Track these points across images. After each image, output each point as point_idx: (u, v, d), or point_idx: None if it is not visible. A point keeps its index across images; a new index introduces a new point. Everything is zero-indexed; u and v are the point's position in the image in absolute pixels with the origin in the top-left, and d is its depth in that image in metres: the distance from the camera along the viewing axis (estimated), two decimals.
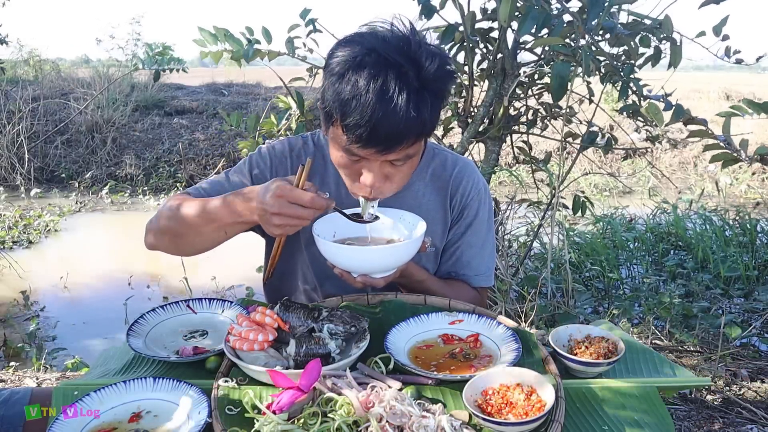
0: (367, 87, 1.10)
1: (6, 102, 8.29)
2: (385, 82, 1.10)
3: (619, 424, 1.00)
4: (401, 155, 1.19)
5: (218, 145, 8.59)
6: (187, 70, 2.92)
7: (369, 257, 1.21)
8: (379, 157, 1.18)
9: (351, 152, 1.19)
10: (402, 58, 1.12)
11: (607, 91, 2.82)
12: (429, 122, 1.17)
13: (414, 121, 1.12)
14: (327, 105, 1.17)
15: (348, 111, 1.12)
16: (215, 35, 2.46)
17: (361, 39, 1.16)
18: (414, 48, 1.14)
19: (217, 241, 1.33)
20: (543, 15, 2.15)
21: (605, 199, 6.70)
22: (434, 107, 1.16)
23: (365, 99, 1.10)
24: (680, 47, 2.44)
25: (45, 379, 2.89)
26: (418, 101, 1.12)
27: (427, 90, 1.14)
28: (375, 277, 1.23)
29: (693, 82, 12.12)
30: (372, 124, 1.10)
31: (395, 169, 1.23)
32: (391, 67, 1.11)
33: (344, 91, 1.12)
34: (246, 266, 4.50)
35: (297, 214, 1.13)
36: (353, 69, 1.12)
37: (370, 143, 1.14)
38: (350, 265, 1.23)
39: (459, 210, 1.48)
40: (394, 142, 1.14)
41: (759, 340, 3.30)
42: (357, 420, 0.94)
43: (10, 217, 6.11)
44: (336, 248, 1.21)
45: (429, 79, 1.14)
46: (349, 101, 1.11)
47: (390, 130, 1.12)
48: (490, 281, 1.53)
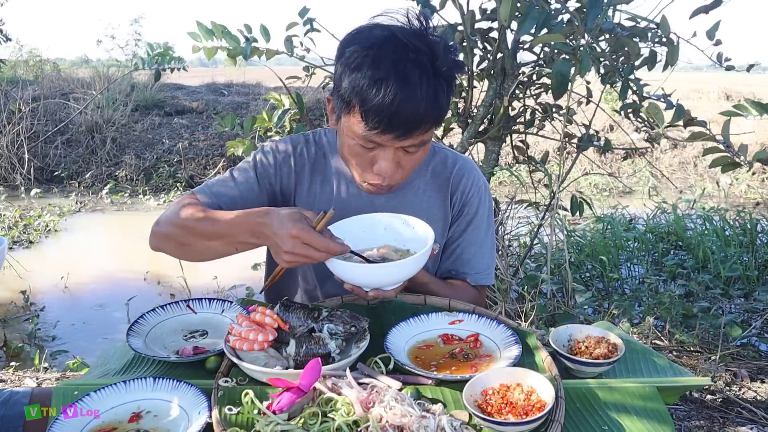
0: (388, 72, 1.12)
1: (6, 102, 8.29)
2: (406, 67, 1.12)
3: (619, 424, 1.00)
4: (417, 141, 1.20)
5: (218, 145, 8.59)
6: (188, 69, 2.91)
7: (381, 273, 1.19)
8: (396, 143, 1.19)
9: (368, 139, 1.19)
10: (421, 45, 1.15)
11: (607, 91, 2.82)
12: (445, 109, 1.20)
13: (433, 106, 1.15)
14: (344, 93, 1.17)
15: (369, 96, 1.13)
16: (211, 31, 2.45)
17: (379, 28, 1.18)
18: (430, 36, 1.18)
19: (225, 254, 1.29)
20: (543, 15, 2.15)
21: (605, 199, 6.70)
22: (448, 94, 1.20)
23: (387, 84, 1.11)
24: (677, 47, 2.44)
25: (45, 379, 2.89)
26: (436, 87, 1.15)
27: (442, 77, 1.17)
28: (386, 289, 1.22)
29: (693, 83, 12.14)
30: (394, 108, 1.12)
31: (408, 156, 1.25)
32: (411, 52, 1.14)
33: (365, 77, 1.13)
34: (246, 266, 4.51)
35: (309, 255, 1.11)
36: (373, 55, 1.13)
37: (390, 128, 1.15)
38: (362, 282, 1.20)
39: (459, 207, 1.48)
40: (413, 128, 1.16)
41: (759, 340, 3.30)
42: (357, 420, 0.94)
43: (10, 217, 6.11)
44: (347, 266, 1.17)
45: (443, 67, 1.17)
46: (370, 87, 1.12)
47: (411, 116, 1.14)
48: (490, 279, 1.53)
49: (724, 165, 1.95)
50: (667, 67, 2.47)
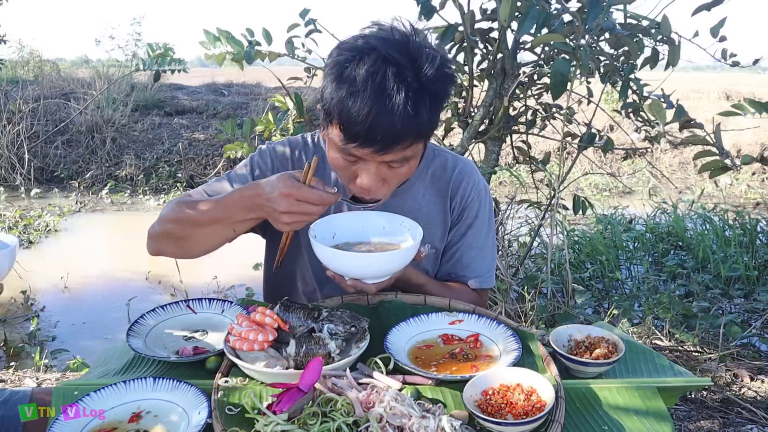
0: (365, 84, 1.09)
1: (6, 102, 8.29)
2: (383, 80, 1.10)
3: (619, 424, 1.00)
4: (398, 156, 1.17)
5: (218, 145, 8.59)
6: (188, 70, 2.91)
7: (361, 263, 1.22)
8: (376, 158, 1.17)
9: (348, 152, 1.18)
10: (402, 58, 1.12)
11: (607, 91, 2.82)
12: (427, 123, 1.16)
13: (411, 121, 1.11)
14: (326, 104, 1.17)
15: (345, 108, 1.11)
16: (218, 37, 2.47)
17: (362, 39, 1.16)
18: (414, 48, 1.14)
19: (224, 239, 1.31)
20: (543, 15, 2.15)
21: (605, 199, 6.70)
22: (432, 109, 1.15)
23: (363, 96, 1.09)
24: (679, 47, 2.44)
25: (45, 379, 2.89)
26: (416, 101, 1.11)
27: (426, 91, 1.13)
28: (367, 282, 1.23)
29: (693, 83, 12.13)
30: (369, 121, 1.10)
31: (392, 172, 1.22)
32: (390, 65, 1.11)
33: (342, 89, 1.12)
34: (246, 266, 4.50)
35: (306, 210, 1.15)
36: (352, 67, 1.12)
37: (367, 142, 1.13)
38: (342, 269, 1.23)
39: (459, 211, 1.47)
40: (392, 142, 1.13)
41: (759, 340, 3.30)
42: (357, 420, 0.94)
43: (10, 217, 6.11)
44: (330, 252, 1.21)
45: (428, 80, 1.13)
46: (346, 98, 1.11)
47: (387, 129, 1.11)
48: (490, 283, 1.52)
49: (714, 169, 1.93)
50: (668, 67, 2.47)
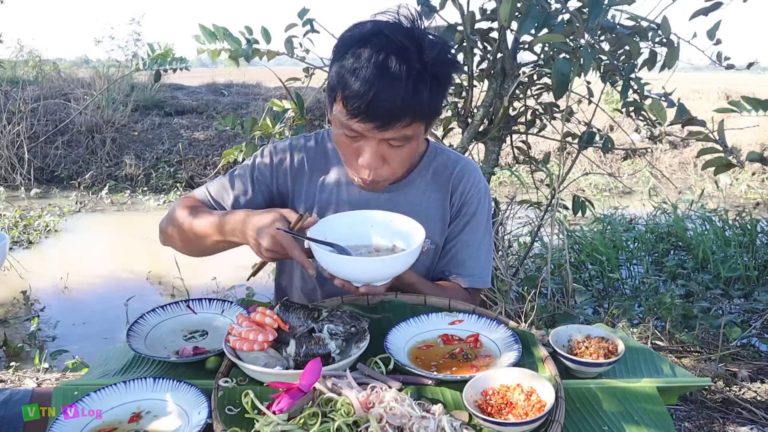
0: (369, 61, 1.15)
1: (6, 102, 8.29)
2: (386, 58, 1.15)
3: (619, 424, 1.00)
4: (398, 134, 1.21)
5: (218, 145, 8.59)
6: (189, 68, 2.91)
7: (371, 268, 1.19)
8: (377, 134, 1.21)
9: (350, 128, 1.21)
10: (406, 40, 1.17)
11: (607, 91, 2.82)
12: (427, 104, 1.20)
13: (412, 98, 1.16)
14: (331, 80, 1.22)
15: (348, 83, 1.16)
16: (214, 33, 2.47)
17: (371, 23, 1.22)
18: (418, 32, 1.20)
19: (217, 251, 1.43)
20: (543, 14, 2.14)
21: (605, 199, 6.69)
22: (434, 90, 1.20)
23: (365, 72, 1.15)
24: (677, 48, 2.44)
25: (45, 379, 2.89)
26: (417, 80, 1.17)
27: (428, 72, 1.19)
28: (376, 285, 1.23)
29: (693, 83, 12.12)
30: (370, 96, 1.14)
31: (393, 151, 1.25)
32: (395, 46, 1.17)
33: (346, 65, 1.17)
34: (246, 267, 4.49)
35: (286, 254, 1.22)
36: (358, 45, 1.18)
37: (368, 117, 1.17)
38: (352, 276, 1.21)
39: (458, 207, 1.48)
40: (392, 118, 1.17)
41: (759, 340, 3.30)
42: (357, 420, 0.94)
43: (10, 217, 6.11)
44: (337, 259, 1.19)
45: (430, 62, 1.18)
46: (350, 73, 1.16)
47: (388, 104, 1.15)
48: (483, 284, 1.51)
49: (718, 166, 1.94)
50: (664, 68, 2.47)
